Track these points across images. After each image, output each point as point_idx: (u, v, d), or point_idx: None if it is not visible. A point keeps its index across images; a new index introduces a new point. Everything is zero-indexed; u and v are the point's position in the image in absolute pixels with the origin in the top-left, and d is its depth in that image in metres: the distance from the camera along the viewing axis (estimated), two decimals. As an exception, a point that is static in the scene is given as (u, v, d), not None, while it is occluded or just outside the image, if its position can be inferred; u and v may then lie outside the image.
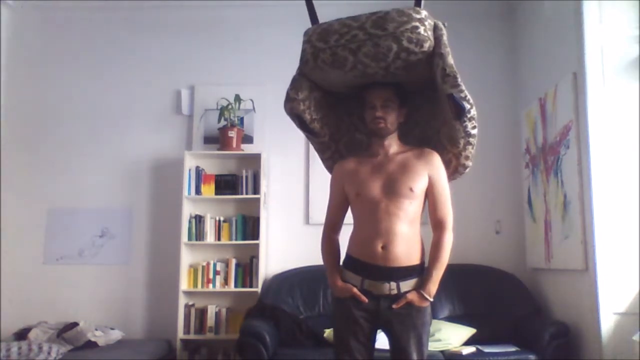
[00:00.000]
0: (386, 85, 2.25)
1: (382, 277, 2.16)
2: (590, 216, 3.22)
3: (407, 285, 2.17)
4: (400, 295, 2.16)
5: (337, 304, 2.26)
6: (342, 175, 2.33)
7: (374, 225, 2.18)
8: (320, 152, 2.47)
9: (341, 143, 2.44)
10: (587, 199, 3.26)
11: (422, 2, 2.20)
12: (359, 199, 2.24)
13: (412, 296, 2.16)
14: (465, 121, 2.18)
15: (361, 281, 2.19)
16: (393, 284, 2.16)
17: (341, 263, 2.32)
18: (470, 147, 2.28)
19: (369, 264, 2.18)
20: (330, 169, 2.47)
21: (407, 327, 2.16)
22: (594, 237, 3.18)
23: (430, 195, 2.26)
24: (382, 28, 2.08)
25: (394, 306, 2.15)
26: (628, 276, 3.12)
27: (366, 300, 2.17)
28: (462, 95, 2.12)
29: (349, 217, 2.36)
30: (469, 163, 2.35)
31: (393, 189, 2.20)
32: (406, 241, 2.18)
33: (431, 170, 2.25)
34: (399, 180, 2.20)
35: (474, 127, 2.22)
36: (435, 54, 2.12)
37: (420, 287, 2.18)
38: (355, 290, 2.17)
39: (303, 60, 2.24)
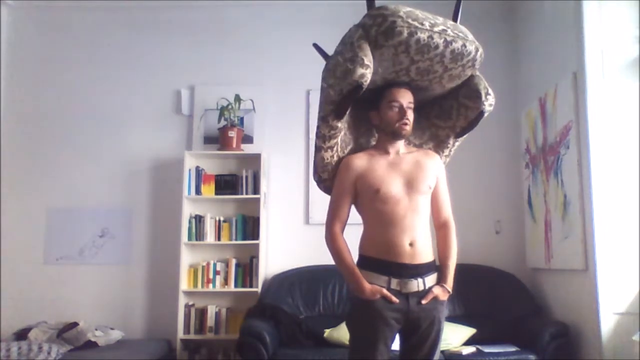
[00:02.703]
0: (407, 88, 2.24)
1: (410, 274, 2.15)
2: (590, 216, 3.22)
3: (430, 280, 2.19)
4: (426, 291, 2.17)
5: (364, 307, 2.15)
6: (354, 170, 2.24)
7: (398, 223, 2.17)
8: (327, 139, 2.21)
9: (340, 136, 2.30)
10: (587, 199, 3.26)
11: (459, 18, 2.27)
12: (378, 195, 2.19)
13: (437, 290, 2.18)
14: (458, 140, 2.40)
15: (388, 281, 2.14)
16: (420, 280, 2.16)
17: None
18: (444, 165, 2.44)
19: (396, 263, 2.15)
20: (323, 160, 2.26)
21: (434, 321, 2.17)
22: (594, 237, 3.18)
23: (436, 195, 2.30)
24: (464, 34, 2.14)
25: (423, 301, 2.14)
26: (628, 276, 3.12)
27: (397, 300, 2.13)
28: (486, 116, 2.30)
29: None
30: None
31: (414, 187, 2.21)
32: (425, 237, 2.21)
33: (437, 170, 2.31)
34: (419, 178, 2.23)
35: (455, 149, 2.44)
36: (476, 75, 2.31)
37: (441, 281, 2.21)
38: (385, 291, 2.13)
39: (390, 32, 2.01)
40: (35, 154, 4.43)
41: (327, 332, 3.59)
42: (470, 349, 3.41)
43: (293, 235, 4.32)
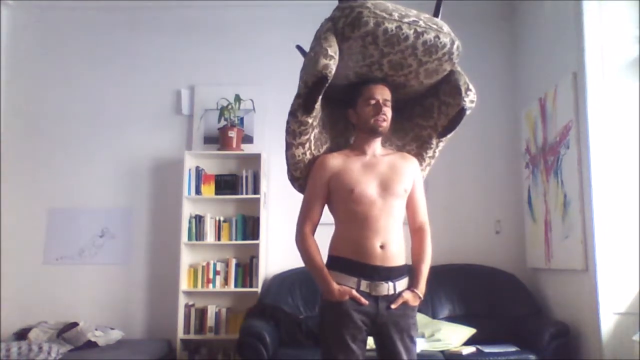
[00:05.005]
0: (384, 85, 2.22)
1: (380, 277, 2.12)
2: (590, 216, 3.22)
3: (401, 284, 2.16)
4: (396, 295, 2.13)
5: (332, 308, 2.12)
6: (328, 170, 2.21)
7: (371, 225, 2.13)
8: (297, 135, 2.16)
9: (313, 133, 2.23)
10: (587, 199, 3.26)
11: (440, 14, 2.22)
12: (352, 196, 2.16)
13: (408, 295, 2.14)
14: (442, 141, 2.35)
15: (357, 283, 2.11)
16: (391, 284, 2.12)
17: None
18: (428, 168, 2.41)
19: (367, 265, 2.12)
20: (294, 157, 2.22)
21: (402, 327, 2.13)
22: (594, 237, 3.18)
23: (412, 199, 2.27)
24: (439, 26, 2.09)
25: (392, 306, 2.11)
26: (628, 276, 3.12)
27: (366, 302, 2.09)
28: (468, 113, 2.24)
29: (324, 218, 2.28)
30: None
31: (389, 189, 2.18)
32: (398, 240, 2.18)
33: (414, 174, 2.29)
34: (395, 180, 2.19)
35: (439, 150, 2.38)
36: (455, 70, 2.25)
37: (413, 286, 2.17)
38: (354, 292, 2.09)
39: (357, 22, 1.99)
40: (36, 154, 4.43)
41: (327, 332, 3.58)
42: (470, 349, 3.41)
43: (293, 235, 4.30)
